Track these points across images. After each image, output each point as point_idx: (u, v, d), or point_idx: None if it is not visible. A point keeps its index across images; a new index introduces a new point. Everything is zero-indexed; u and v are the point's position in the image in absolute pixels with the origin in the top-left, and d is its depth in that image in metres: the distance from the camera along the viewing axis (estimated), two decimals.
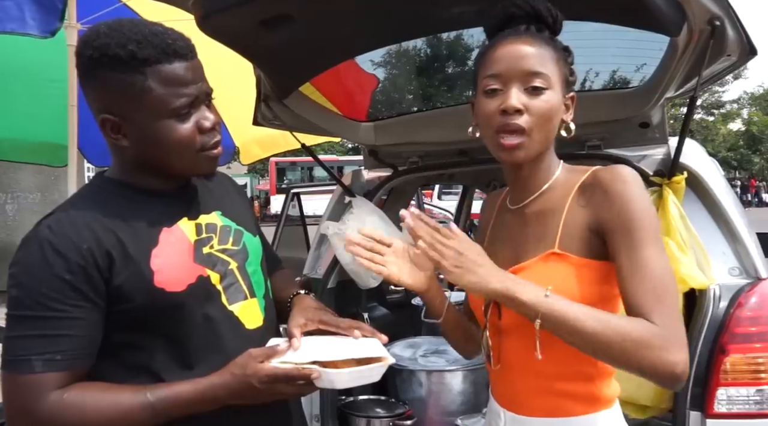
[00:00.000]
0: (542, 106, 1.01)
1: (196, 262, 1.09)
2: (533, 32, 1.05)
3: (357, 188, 2.50)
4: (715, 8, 1.31)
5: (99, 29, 1.02)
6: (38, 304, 0.96)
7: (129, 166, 1.11)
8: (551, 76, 1.02)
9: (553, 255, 1.03)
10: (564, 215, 1.04)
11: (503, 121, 1.02)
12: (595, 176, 1.04)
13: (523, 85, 1.02)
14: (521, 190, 1.13)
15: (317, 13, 1.46)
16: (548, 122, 1.03)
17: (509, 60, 1.03)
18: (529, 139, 1.02)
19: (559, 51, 1.06)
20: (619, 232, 0.97)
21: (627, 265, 0.96)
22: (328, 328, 1.17)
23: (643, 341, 0.90)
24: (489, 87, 1.04)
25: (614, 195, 0.98)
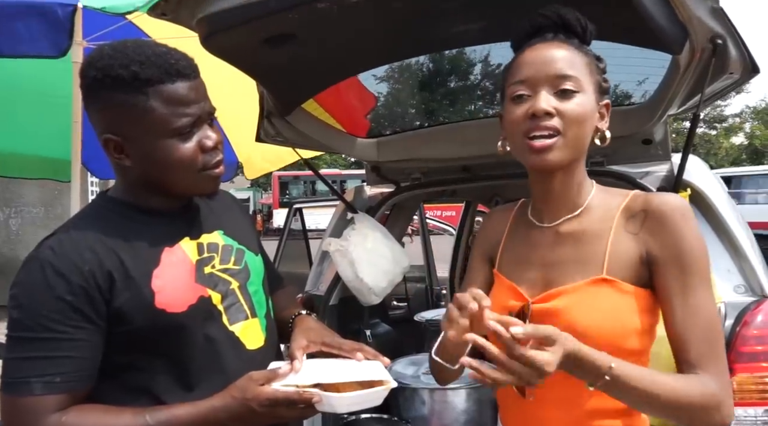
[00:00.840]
0: (574, 109, 0.96)
1: (198, 282, 1.09)
2: (561, 39, 1.01)
3: (359, 204, 2.50)
4: (717, 27, 1.31)
5: (103, 50, 1.03)
6: (39, 326, 0.95)
7: (132, 185, 1.11)
8: (582, 79, 0.98)
9: (602, 281, 0.97)
10: (610, 240, 0.99)
11: (532, 125, 0.96)
12: (648, 203, 0.99)
13: (552, 89, 0.97)
14: (552, 206, 1.06)
15: (320, 31, 1.46)
16: (581, 127, 0.97)
17: (536, 64, 0.98)
18: (562, 140, 0.96)
19: (591, 56, 1.02)
20: (674, 269, 0.94)
21: (681, 306, 0.93)
22: (330, 351, 1.17)
23: (702, 405, 0.89)
24: (516, 93, 0.99)
25: (672, 229, 0.95)
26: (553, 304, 0.99)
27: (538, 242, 1.07)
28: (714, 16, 1.29)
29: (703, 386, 0.90)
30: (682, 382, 0.90)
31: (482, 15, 1.45)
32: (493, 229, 1.19)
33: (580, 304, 0.96)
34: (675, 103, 1.64)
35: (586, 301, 0.97)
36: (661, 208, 0.97)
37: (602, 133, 1.03)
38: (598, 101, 1.02)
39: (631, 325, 0.95)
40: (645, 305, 0.97)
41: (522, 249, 1.10)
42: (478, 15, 1.45)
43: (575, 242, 1.03)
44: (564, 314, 0.97)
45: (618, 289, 0.96)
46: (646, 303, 0.97)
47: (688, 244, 0.94)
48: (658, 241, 0.96)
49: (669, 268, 0.95)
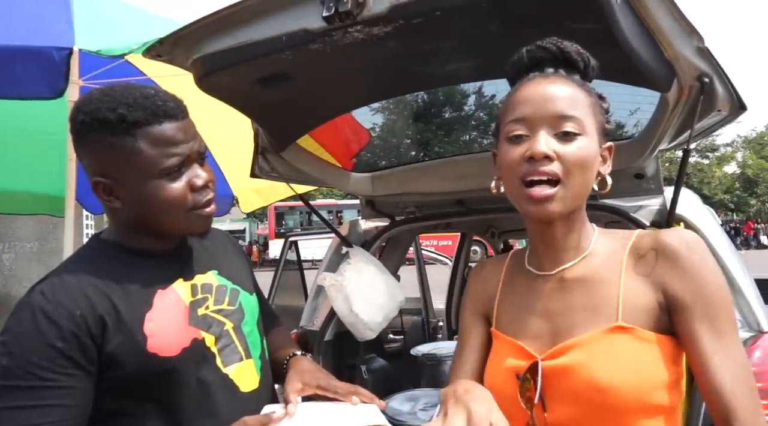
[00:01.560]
0: (576, 154, 0.88)
1: (191, 325, 1.08)
2: (563, 74, 0.93)
3: (354, 238, 2.50)
4: (704, 66, 1.34)
5: (92, 95, 1.04)
6: (28, 374, 0.94)
7: (123, 227, 1.10)
8: (585, 120, 0.90)
9: (618, 329, 0.87)
10: (622, 284, 0.90)
11: (530, 169, 0.88)
12: (657, 242, 0.90)
13: (552, 130, 0.89)
14: (553, 254, 0.97)
15: (313, 70, 1.48)
16: (583, 173, 0.89)
17: (536, 102, 0.90)
18: (563, 189, 0.88)
19: (594, 96, 0.94)
20: (700, 311, 0.85)
21: (712, 353, 0.84)
22: (325, 394, 1.15)
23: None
24: (513, 133, 0.91)
25: (689, 267, 0.86)
26: (566, 360, 0.88)
27: (541, 292, 0.98)
28: (700, 55, 1.31)
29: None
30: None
31: (476, 54, 1.47)
32: (484, 284, 1.09)
33: (597, 356, 0.86)
34: (665, 138, 1.65)
35: (604, 352, 0.86)
36: (674, 245, 0.88)
37: (603, 179, 0.95)
38: (601, 144, 0.94)
39: (658, 378, 0.85)
40: (669, 354, 0.87)
41: (522, 301, 1.00)
42: (472, 54, 1.47)
43: (583, 288, 0.93)
44: (581, 370, 0.86)
45: (638, 337, 0.86)
46: (670, 351, 0.88)
47: (710, 281, 0.86)
48: (675, 282, 0.87)
49: (694, 310, 0.85)
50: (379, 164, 2.48)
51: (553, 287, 0.97)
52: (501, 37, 1.35)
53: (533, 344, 0.94)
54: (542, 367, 0.89)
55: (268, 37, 1.29)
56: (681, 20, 1.20)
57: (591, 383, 0.84)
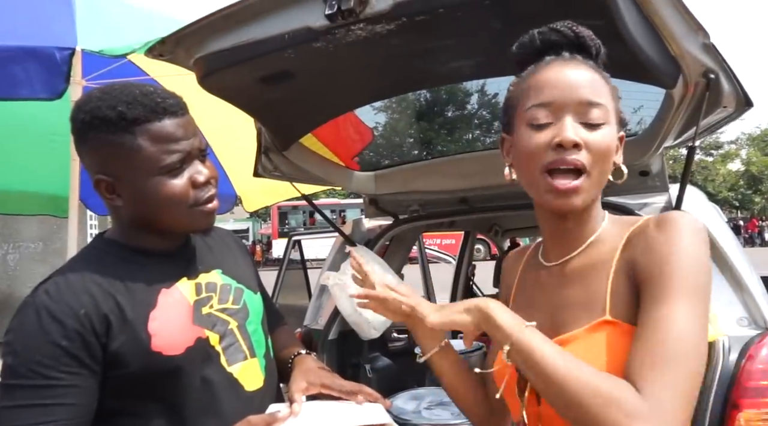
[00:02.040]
0: (602, 143, 0.85)
1: (195, 324, 1.08)
2: (581, 60, 0.89)
3: (358, 237, 2.49)
4: (709, 62, 1.33)
5: (92, 94, 1.04)
6: (33, 373, 0.94)
7: (127, 226, 1.10)
8: (609, 108, 0.87)
9: (605, 323, 0.85)
10: (612, 274, 0.87)
11: (557, 158, 0.84)
12: (646, 222, 0.87)
13: (579, 118, 0.85)
14: (562, 245, 0.95)
15: (316, 68, 1.48)
16: (606, 163, 0.87)
17: (562, 87, 0.86)
18: (588, 181, 0.85)
19: (611, 83, 0.91)
20: (648, 281, 0.80)
21: (642, 320, 0.79)
22: (330, 393, 1.14)
23: (607, 401, 0.73)
24: (536, 120, 0.87)
25: (657, 241, 0.82)
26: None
27: (546, 283, 0.98)
28: (705, 51, 1.30)
29: (616, 385, 0.74)
30: (594, 373, 0.76)
31: (479, 51, 1.46)
32: (508, 273, 1.12)
33: (585, 351, 0.83)
34: (671, 135, 1.64)
35: (591, 347, 0.84)
36: (653, 221, 0.85)
37: (619, 169, 0.92)
38: (617, 133, 0.91)
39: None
40: None
41: (531, 292, 1.01)
42: (476, 51, 1.47)
43: (581, 281, 0.91)
44: None
45: (624, 331, 0.83)
46: None
47: (672, 251, 0.79)
48: (640, 255, 0.83)
49: (647, 281, 0.81)
50: (383, 163, 2.47)
51: (555, 280, 0.96)
52: (504, 34, 1.34)
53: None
54: None
55: (271, 35, 1.28)
56: (686, 16, 1.19)
57: None
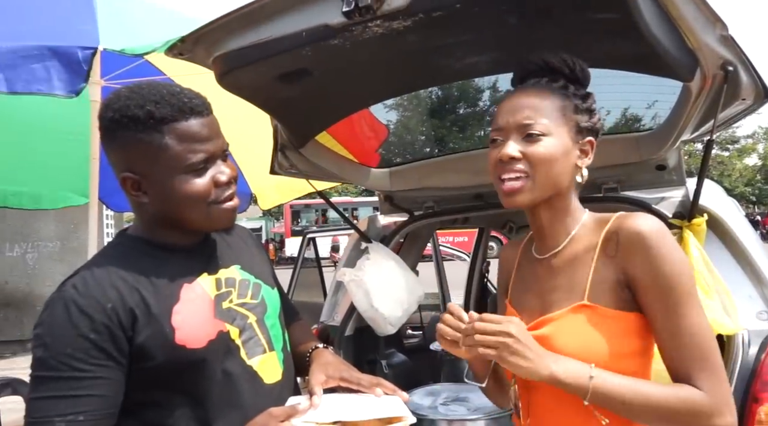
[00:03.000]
0: (540, 152, 1.03)
1: (217, 318, 1.10)
2: (542, 84, 1.08)
3: (373, 234, 2.50)
4: (728, 54, 1.32)
5: (120, 93, 1.06)
6: (63, 365, 0.96)
7: (150, 222, 1.12)
8: (550, 123, 1.04)
9: (583, 307, 1.01)
10: (593, 266, 1.03)
11: (502, 168, 1.05)
12: (621, 225, 1.02)
13: (520, 136, 1.04)
14: (545, 239, 1.12)
15: (333, 66, 1.49)
16: (549, 167, 1.03)
17: (507, 113, 1.07)
18: (530, 183, 1.03)
19: (569, 99, 1.07)
20: (654, 290, 0.97)
21: (666, 327, 0.96)
22: (349, 386, 1.16)
23: (694, 412, 0.92)
24: (493, 138, 1.09)
25: (646, 251, 0.97)
26: (541, 332, 1.03)
27: (538, 273, 1.13)
28: (723, 43, 1.29)
29: (694, 395, 0.93)
30: (672, 390, 0.94)
31: (496, 46, 1.46)
32: (506, 263, 1.27)
33: (563, 330, 1.01)
34: (688, 129, 1.64)
35: (569, 327, 1.01)
36: (632, 229, 0.99)
37: (580, 171, 1.08)
38: (577, 141, 1.07)
39: (619, 349, 0.98)
40: (631, 328, 0.99)
41: (527, 280, 1.16)
42: (492, 47, 1.47)
43: (566, 271, 1.07)
44: (551, 340, 1.01)
45: (598, 314, 0.99)
46: (632, 326, 0.99)
47: (664, 262, 0.96)
48: (633, 265, 0.98)
49: (649, 290, 0.97)
50: (397, 160, 2.48)
51: (543, 270, 1.12)
52: (521, 29, 1.34)
53: (526, 317, 1.09)
54: None
55: (289, 33, 1.29)
56: (704, 8, 1.18)
57: (560, 352, 0.98)
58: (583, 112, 1.08)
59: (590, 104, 1.10)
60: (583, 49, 1.44)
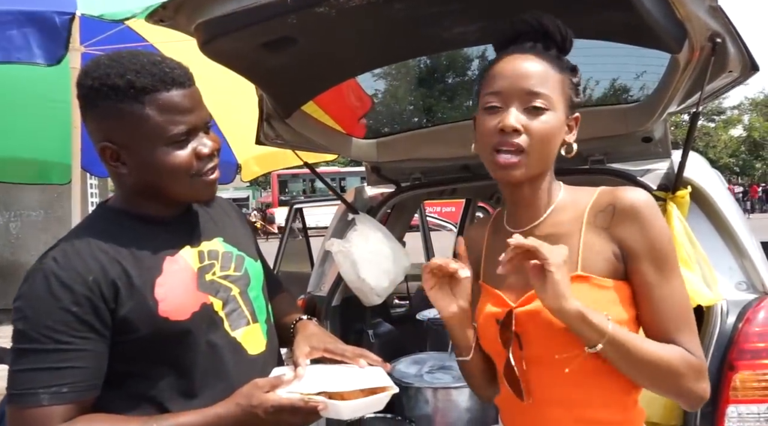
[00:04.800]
0: (542, 128, 0.99)
1: (200, 290, 1.09)
2: (539, 50, 1.03)
3: (360, 205, 2.50)
4: (716, 25, 1.31)
5: (99, 60, 1.04)
6: (44, 337, 0.96)
7: (130, 193, 1.11)
8: (553, 96, 1.00)
9: (577, 278, 1.00)
10: (582, 237, 1.02)
11: (500, 140, 0.99)
12: (616, 198, 1.02)
13: (523, 105, 1.00)
14: (524, 213, 1.09)
15: (319, 34, 1.46)
16: (547, 144, 1.01)
17: (511, 78, 1.01)
18: (527, 158, 1.00)
19: (565, 71, 1.04)
20: (647, 259, 0.99)
21: (657, 293, 0.98)
22: (333, 357, 1.17)
23: (686, 369, 0.95)
24: (489, 104, 1.02)
25: (642, 222, 0.99)
26: (534, 306, 1.01)
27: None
28: (712, 14, 1.28)
29: (685, 355, 0.96)
30: (669, 349, 0.96)
31: (482, 16, 1.44)
32: (473, 246, 1.20)
33: None
34: (674, 101, 1.63)
35: None
36: (629, 202, 1.01)
37: (569, 145, 1.07)
38: (567, 115, 1.05)
39: (615, 318, 0.97)
40: (624, 296, 1.00)
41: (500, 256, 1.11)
42: (478, 16, 1.45)
43: (549, 242, 1.00)
44: (544, 313, 0.98)
45: (595, 284, 1.00)
46: (625, 294, 1.00)
47: (658, 235, 0.99)
48: (629, 234, 1.00)
49: (643, 258, 0.99)
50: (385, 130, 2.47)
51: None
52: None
53: (510, 294, 1.07)
54: (516, 313, 1.03)
55: (273, 0, 1.26)
56: None
57: (553, 324, 0.97)
58: (574, 88, 1.06)
59: (579, 79, 1.08)
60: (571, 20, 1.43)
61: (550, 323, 0.97)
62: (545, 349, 1.01)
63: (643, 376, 0.97)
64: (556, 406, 1.03)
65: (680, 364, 0.95)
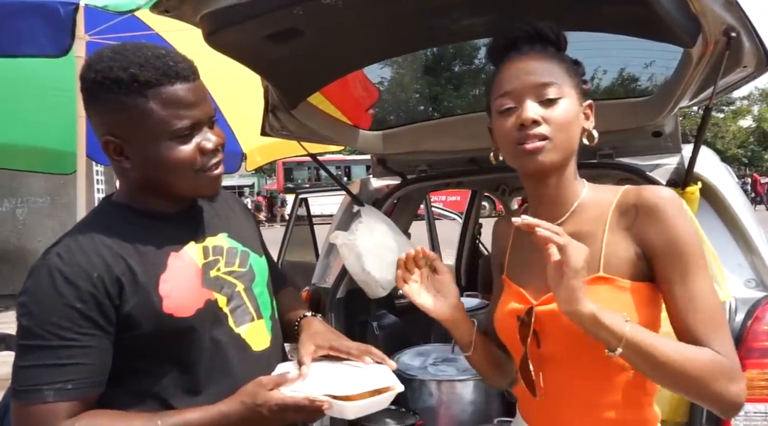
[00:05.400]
0: (560, 115, 1.00)
1: (204, 286, 1.09)
2: (538, 49, 1.05)
3: (366, 197, 2.49)
4: (731, 19, 1.28)
5: (103, 53, 1.02)
6: (49, 334, 0.95)
7: (134, 189, 1.10)
8: (563, 84, 1.02)
9: (599, 279, 0.99)
10: (605, 237, 1.02)
11: (522, 134, 1.00)
12: (639, 197, 1.01)
13: (537, 98, 1.01)
14: (548, 210, 1.08)
15: (325, 25, 1.44)
16: (568, 131, 1.01)
17: (518, 76, 1.02)
18: (551, 143, 1.00)
19: (568, 62, 1.06)
20: (671, 259, 0.97)
21: (682, 294, 0.95)
22: (338, 355, 1.16)
23: (715, 372, 0.91)
24: (503, 106, 1.03)
25: (665, 220, 0.97)
26: (554, 305, 0.99)
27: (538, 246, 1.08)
28: (728, 8, 1.26)
29: (715, 356, 0.92)
30: (696, 350, 0.92)
31: (492, 9, 1.42)
32: (500, 238, 1.24)
33: None
34: (686, 95, 1.61)
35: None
36: (653, 201, 0.99)
37: (589, 133, 1.07)
38: (581, 103, 1.06)
39: (635, 320, 0.96)
40: (645, 299, 0.99)
41: (526, 254, 1.12)
42: (486, 9, 1.43)
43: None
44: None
45: (616, 286, 0.98)
46: (646, 297, 0.99)
47: (682, 233, 0.96)
48: (652, 234, 0.98)
49: (667, 258, 0.97)
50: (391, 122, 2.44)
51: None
52: None
53: (532, 292, 1.07)
54: (536, 311, 1.04)
55: None
56: None
57: (572, 326, 0.95)
58: (580, 75, 1.08)
59: (583, 69, 1.10)
60: (584, 13, 1.41)
61: (570, 324, 0.97)
62: (562, 349, 1.02)
63: (669, 379, 0.93)
64: (570, 404, 1.04)
65: (709, 367, 0.91)
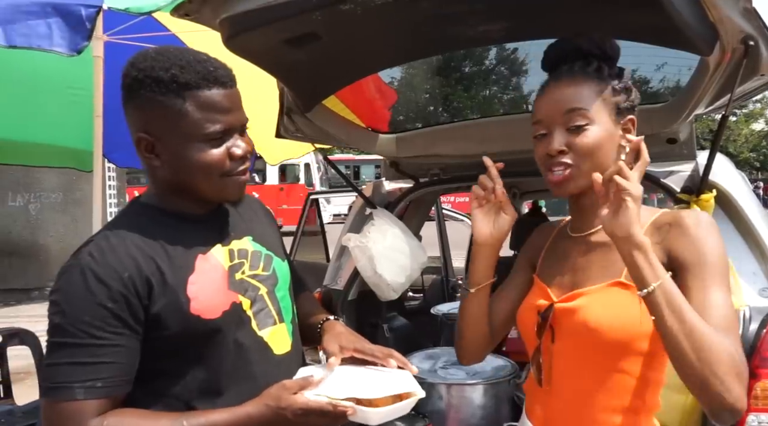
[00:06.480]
0: (585, 143, 1.06)
1: (230, 289, 1.10)
2: (574, 71, 1.10)
3: (378, 200, 2.50)
4: (749, 28, 1.28)
5: (147, 53, 1.05)
6: (81, 332, 0.97)
7: (162, 188, 1.12)
8: (592, 109, 1.07)
9: (619, 284, 1.05)
10: None
11: (550, 162, 1.09)
12: (676, 217, 1.06)
13: (564, 126, 1.08)
14: (584, 219, 1.16)
15: (342, 30, 1.45)
16: (594, 155, 1.06)
17: (548, 105, 1.10)
18: (577, 171, 1.07)
19: (604, 81, 1.09)
20: (695, 268, 1.00)
21: (699, 301, 0.97)
22: (362, 357, 1.18)
23: (729, 364, 0.89)
24: (537, 133, 1.13)
25: (694, 235, 1.01)
26: (573, 304, 1.09)
27: (571, 250, 1.17)
28: (746, 16, 1.25)
29: (732, 349, 0.91)
30: (718, 333, 0.92)
31: (509, 15, 1.43)
32: (538, 239, 1.31)
33: (598, 303, 1.05)
34: (703, 103, 1.61)
35: (603, 301, 1.05)
36: (689, 220, 1.04)
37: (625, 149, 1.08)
38: (618, 121, 1.10)
39: (643, 328, 1.00)
40: None
41: (558, 257, 1.20)
42: (506, 14, 1.43)
43: (603, 250, 1.11)
44: (580, 312, 1.06)
45: (634, 293, 0.99)
46: None
47: (711, 248, 1.00)
48: (681, 246, 1.02)
49: (691, 268, 1.00)
50: (405, 126, 2.45)
51: (580, 247, 1.16)
52: None
53: (556, 290, 1.15)
54: (555, 308, 1.11)
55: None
56: None
57: (585, 323, 1.04)
58: (621, 93, 1.10)
59: (626, 82, 1.12)
60: (600, 20, 1.41)
61: (585, 323, 1.04)
62: (573, 346, 1.08)
63: (684, 343, 0.91)
64: (571, 402, 1.10)
65: (726, 355, 0.89)
